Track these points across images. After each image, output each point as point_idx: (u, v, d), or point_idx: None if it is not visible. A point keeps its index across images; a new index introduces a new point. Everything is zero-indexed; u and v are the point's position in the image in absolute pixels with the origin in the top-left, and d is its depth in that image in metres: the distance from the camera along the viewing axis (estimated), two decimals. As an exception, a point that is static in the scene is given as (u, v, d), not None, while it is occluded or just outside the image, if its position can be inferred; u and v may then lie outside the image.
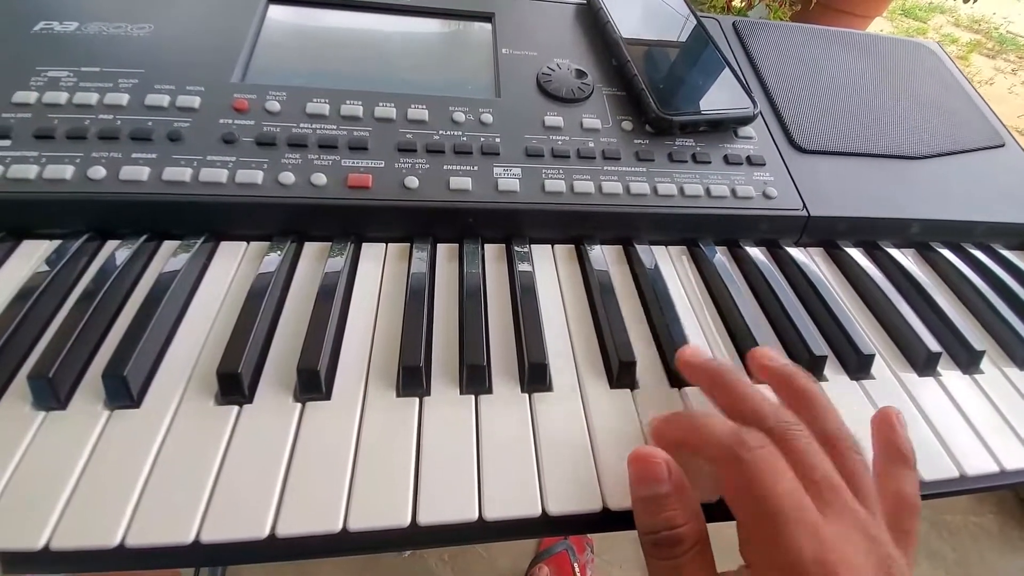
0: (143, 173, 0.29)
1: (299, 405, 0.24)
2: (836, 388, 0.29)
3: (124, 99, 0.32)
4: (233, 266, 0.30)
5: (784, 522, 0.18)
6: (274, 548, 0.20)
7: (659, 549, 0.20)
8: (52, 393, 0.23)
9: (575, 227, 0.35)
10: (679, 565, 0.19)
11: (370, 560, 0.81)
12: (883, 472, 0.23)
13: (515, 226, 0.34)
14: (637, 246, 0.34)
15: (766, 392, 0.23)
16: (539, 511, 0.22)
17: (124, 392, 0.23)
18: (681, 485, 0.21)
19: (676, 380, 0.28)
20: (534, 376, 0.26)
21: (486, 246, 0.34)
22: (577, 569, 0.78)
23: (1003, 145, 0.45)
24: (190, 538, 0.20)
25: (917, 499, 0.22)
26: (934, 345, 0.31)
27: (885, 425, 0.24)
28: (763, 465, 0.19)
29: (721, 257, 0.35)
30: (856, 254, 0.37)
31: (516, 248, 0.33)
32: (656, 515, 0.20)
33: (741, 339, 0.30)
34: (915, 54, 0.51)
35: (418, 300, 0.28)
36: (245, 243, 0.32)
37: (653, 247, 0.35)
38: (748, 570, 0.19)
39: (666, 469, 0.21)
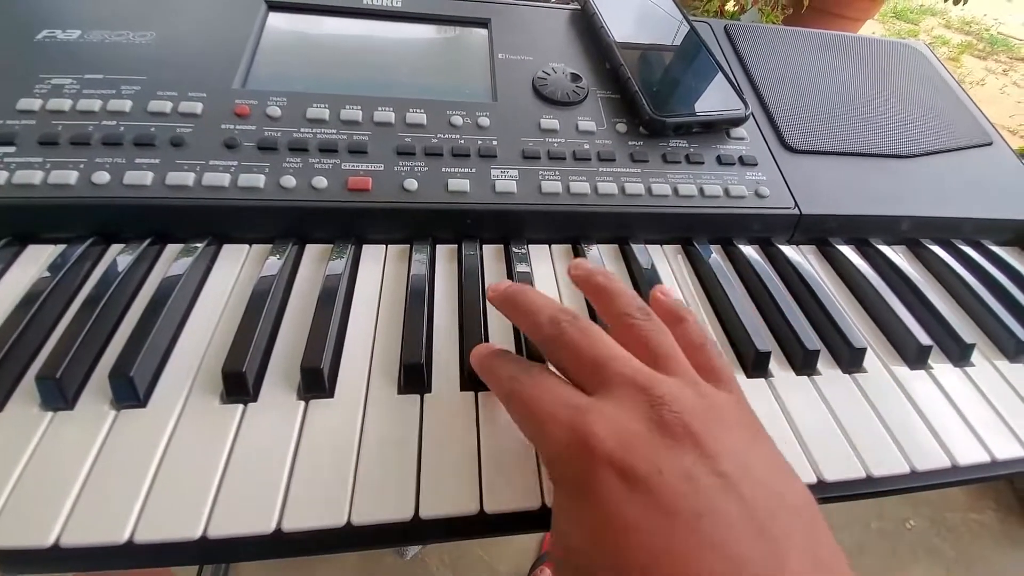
0: (147, 178, 0.30)
1: (303, 403, 0.25)
2: (829, 382, 0.30)
3: (127, 105, 0.32)
4: (236, 268, 0.31)
5: (538, 406, 0.20)
6: (280, 543, 0.21)
7: (504, 390, 0.22)
8: (60, 393, 0.23)
9: (572, 227, 0.35)
10: (518, 389, 0.21)
11: (371, 563, 0.81)
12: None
13: (513, 227, 0.34)
14: (633, 245, 0.35)
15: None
16: (539, 504, 0.22)
17: (131, 392, 0.23)
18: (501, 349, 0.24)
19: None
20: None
21: (484, 247, 0.34)
22: (578, 570, 0.78)
23: (991, 143, 0.46)
24: (198, 533, 0.20)
25: (704, 338, 0.23)
26: (925, 339, 0.32)
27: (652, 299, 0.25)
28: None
29: (715, 255, 0.35)
30: (848, 251, 0.38)
31: (514, 249, 0.34)
32: (490, 372, 0.23)
33: (736, 335, 0.31)
34: (903, 55, 0.52)
35: (418, 300, 0.29)
36: (248, 246, 0.32)
37: (649, 246, 0.36)
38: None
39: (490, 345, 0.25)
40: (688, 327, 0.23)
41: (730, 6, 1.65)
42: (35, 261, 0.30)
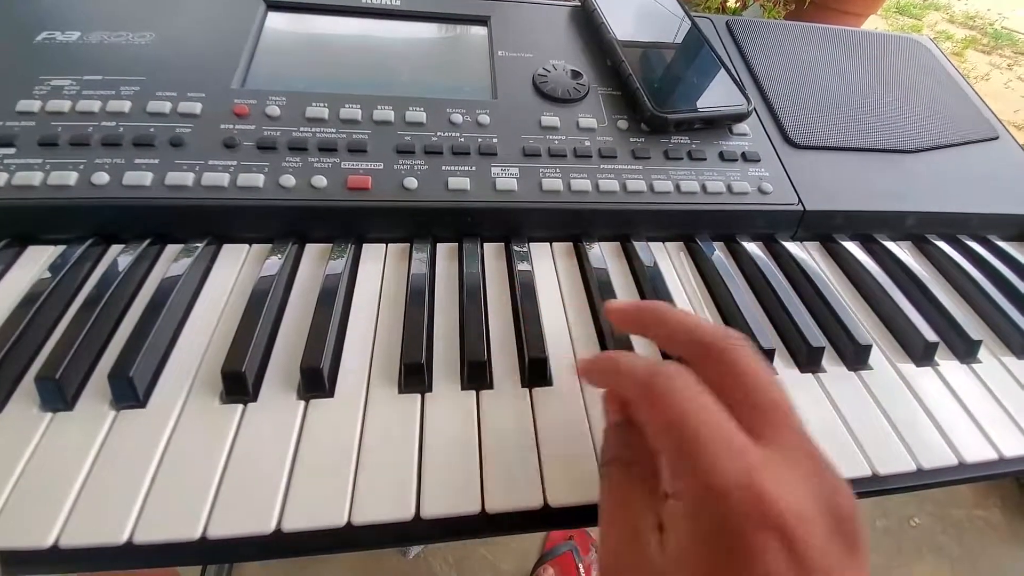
0: (146, 178, 0.30)
1: (303, 403, 0.24)
2: (835, 379, 0.29)
3: (126, 106, 0.32)
4: (236, 268, 0.31)
5: (705, 449, 0.16)
6: (280, 544, 0.21)
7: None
8: (59, 394, 0.23)
9: (573, 225, 0.35)
10: (614, 484, 0.19)
11: (374, 562, 0.81)
12: None
13: (514, 225, 0.34)
14: (635, 243, 0.35)
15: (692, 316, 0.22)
16: (541, 503, 0.22)
17: (130, 392, 0.23)
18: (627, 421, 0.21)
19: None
20: (534, 371, 0.26)
21: (485, 245, 0.34)
22: (582, 569, 0.78)
23: (996, 138, 0.45)
24: (197, 534, 0.20)
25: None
26: (931, 335, 0.31)
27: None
28: (676, 386, 0.18)
29: (718, 253, 0.35)
30: (852, 247, 0.37)
31: (515, 247, 0.33)
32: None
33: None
34: (907, 49, 0.51)
35: (418, 299, 0.29)
36: (247, 245, 0.32)
37: (651, 243, 0.36)
38: (674, 499, 0.18)
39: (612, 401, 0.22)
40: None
41: (732, 2, 1.64)
42: (35, 262, 0.30)
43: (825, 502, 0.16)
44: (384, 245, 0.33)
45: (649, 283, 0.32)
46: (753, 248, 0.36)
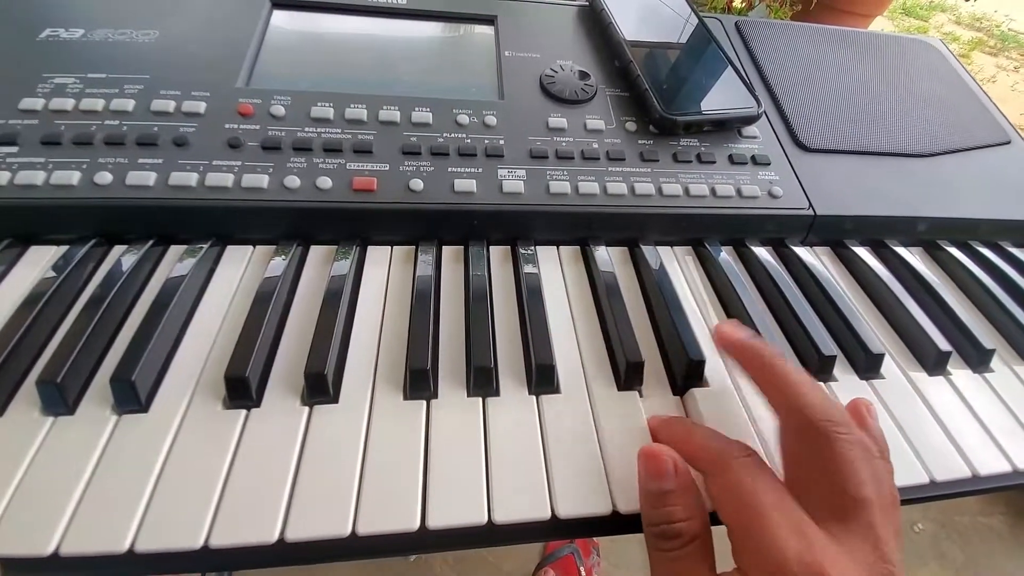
0: (149, 178, 0.29)
1: (307, 409, 0.24)
2: (846, 388, 0.29)
3: (130, 105, 0.32)
4: (239, 270, 0.30)
5: (767, 525, 0.18)
6: (283, 552, 0.20)
7: (660, 541, 0.20)
8: (61, 398, 0.23)
9: (580, 228, 0.35)
10: (677, 558, 0.20)
11: (376, 565, 0.81)
12: None
13: (520, 228, 0.34)
14: (643, 247, 0.34)
15: (812, 382, 0.23)
16: (548, 514, 0.22)
17: (132, 397, 0.23)
18: (687, 484, 0.21)
19: (683, 383, 0.28)
20: (542, 378, 0.26)
21: (491, 248, 0.34)
22: (583, 572, 0.78)
23: (1009, 142, 0.45)
24: (199, 543, 0.20)
25: (897, 494, 0.21)
26: (944, 344, 0.31)
27: (858, 418, 0.23)
28: (745, 470, 0.20)
29: (727, 257, 0.35)
30: (863, 253, 0.37)
31: (521, 250, 0.33)
32: (659, 508, 0.21)
33: (749, 339, 0.30)
34: (918, 51, 0.51)
35: (424, 303, 0.28)
36: (251, 247, 0.32)
37: (659, 248, 0.35)
38: (739, 573, 0.19)
39: (672, 466, 0.21)
40: (879, 463, 0.21)
41: (737, 2, 1.63)
42: (37, 262, 0.29)
43: None
44: (389, 247, 0.33)
45: (657, 288, 0.32)
46: (763, 253, 0.35)
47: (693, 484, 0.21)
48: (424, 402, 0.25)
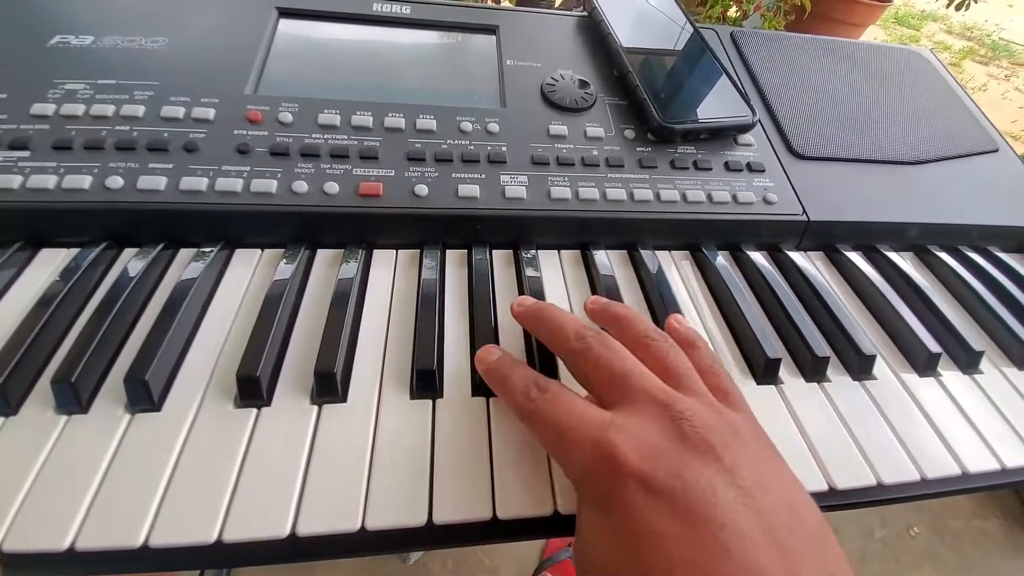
0: (160, 183, 0.30)
1: (316, 407, 0.25)
2: (839, 389, 0.30)
3: (140, 111, 0.33)
4: (248, 273, 0.31)
5: (565, 429, 0.20)
6: (294, 548, 0.21)
7: (528, 399, 0.22)
8: (74, 397, 0.23)
9: (581, 233, 0.35)
10: (555, 395, 0.21)
11: (374, 568, 0.81)
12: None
13: (522, 232, 0.35)
14: (641, 251, 0.35)
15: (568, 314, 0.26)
16: (551, 509, 0.22)
17: (145, 396, 0.23)
18: (508, 356, 0.24)
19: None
20: (544, 378, 0.27)
21: (494, 251, 0.34)
22: (582, 575, 0.78)
23: (997, 150, 0.46)
24: (212, 538, 0.20)
25: (716, 363, 0.24)
26: (934, 346, 0.32)
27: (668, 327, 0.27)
28: (597, 348, 0.22)
29: (724, 261, 0.35)
30: (856, 257, 0.38)
31: (523, 253, 0.34)
32: (510, 375, 0.23)
33: (746, 342, 0.31)
34: (908, 61, 0.52)
35: (429, 305, 0.29)
36: (260, 251, 0.32)
37: (657, 252, 0.36)
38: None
39: (495, 347, 0.25)
40: (701, 352, 0.24)
41: (732, 12, 1.65)
42: (48, 265, 0.30)
43: (668, 432, 0.19)
44: (394, 251, 0.34)
45: (656, 291, 0.32)
46: (758, 257, 0.36)
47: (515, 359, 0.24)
48: (430, 401, 0.26)
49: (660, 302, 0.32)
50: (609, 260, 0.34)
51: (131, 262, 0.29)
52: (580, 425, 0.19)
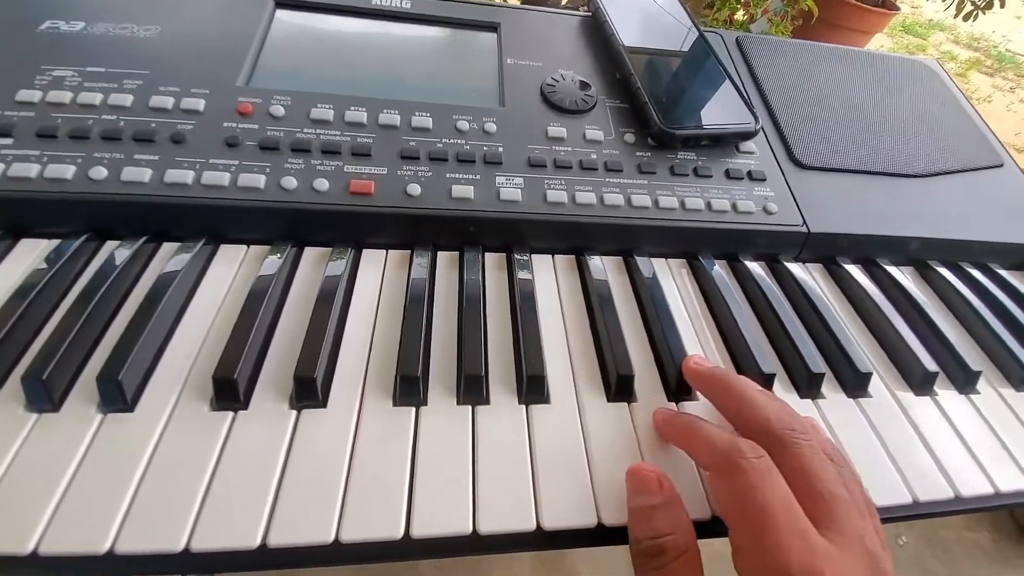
0: (145, 175, 0.29)
1: (294, 413, 0.24)
2: (833, 406, 0.29)
3: (128, 100, 0.32)
4: (232, 269, 0.30)
5: (772, 527, 0.18)
6: (265, 557, 0.20)
7: (646, 559, 0.20)
8: (46, 395, 0.23)
9: (576, 238, 0.35)
10: (749, 471, 0.20)
11: (363, 566, 0.80)
12: None
13: (516, 235, 0.34)
14: (637, 258, 0.34)
15: (771, 397, 0.24)
16: (534, 525, 0.22)
17: (118, 396, 0.23)
18: (671, 498, 0.21)
19: (674, 394, 0.28)
20: (532, 388, 0.26)
21: (486, 254, 0.34)
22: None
23: (1001, 165, 0.45)
24: (180, 546, 0.20)
25: (869, 498, 0.22)
26: (931, 364, 0.31)
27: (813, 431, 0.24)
28: (755, 473, 0.20)
29: (720, 271, 0.35)
30: (855, 271, 0.37)
31: (517, 257, 0.33)
32: (644, 524, 0.21)
33: (740, 356, 0.30)
34: (915, 72, 0.51)
35: (417, 308, 0.28)
36: (245, 247, 0.32)
37: (653, 259, 0.35)
38: None
39: (658, 482, 0.22)
40: (844, 469, 0.21)
41: (739, 16, 1.64)
42: (27, 256, 0.29)
43: None
44: (384, 251, 0.33)
45: (650, 299, 0.32)
46: (756, 268, 0.36)
47: (678, 499, 0.22)
48: (413, 409, 0.25)
49: (655, 311, 0.31)
50: (604, 266, 0.34)
51: (112, 254, 0.29)
52: (790, 532, 0.18)
